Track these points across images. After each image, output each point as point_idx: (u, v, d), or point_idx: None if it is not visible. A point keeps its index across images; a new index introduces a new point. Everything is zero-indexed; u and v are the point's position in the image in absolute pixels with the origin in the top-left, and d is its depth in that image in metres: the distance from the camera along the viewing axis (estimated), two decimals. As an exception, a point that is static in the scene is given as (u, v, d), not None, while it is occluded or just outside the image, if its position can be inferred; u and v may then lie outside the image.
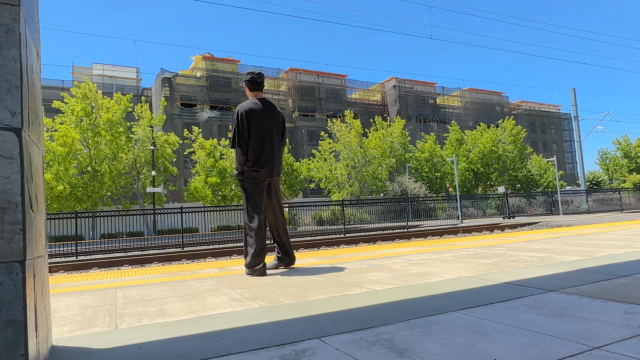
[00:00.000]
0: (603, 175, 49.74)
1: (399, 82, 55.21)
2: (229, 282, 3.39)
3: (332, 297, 2.55)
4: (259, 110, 3.85)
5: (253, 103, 3.89)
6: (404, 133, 36.68)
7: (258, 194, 3.83)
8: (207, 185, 28.47)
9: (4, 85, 1.37)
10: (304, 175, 33.19)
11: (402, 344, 1.60)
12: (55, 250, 13.60)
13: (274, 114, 3.92)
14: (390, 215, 21.94)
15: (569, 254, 3.92)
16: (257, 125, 3.81)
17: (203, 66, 46.28)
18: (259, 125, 3.81)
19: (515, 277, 2.89)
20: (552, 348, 1.47)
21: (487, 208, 27.03)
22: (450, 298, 2.35)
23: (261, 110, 3.86)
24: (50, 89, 36.82)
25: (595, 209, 28.03)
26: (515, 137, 40.19)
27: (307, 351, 1.57)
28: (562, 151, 66.32)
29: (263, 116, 3.84)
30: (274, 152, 3.88)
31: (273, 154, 3.87)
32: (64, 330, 2.06)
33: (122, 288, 3.37)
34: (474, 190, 39.08)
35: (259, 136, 3.82)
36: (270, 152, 3.85)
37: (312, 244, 13.40)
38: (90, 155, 25.64)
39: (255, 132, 3.81)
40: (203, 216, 17.63)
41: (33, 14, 1.68)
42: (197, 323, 2.07)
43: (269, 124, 3.86)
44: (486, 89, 61.73)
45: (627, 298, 2.12)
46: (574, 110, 34.20)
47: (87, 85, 26.36)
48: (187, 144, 31.82)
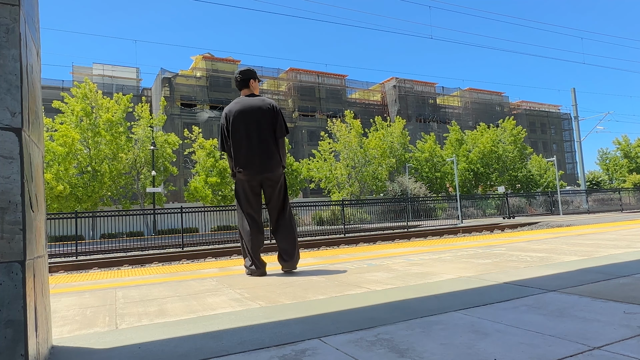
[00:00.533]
0: (603, 175, 49.75)
1: (399, 82, 55.21)
2: (229, 282, 3.39)
3: (332, 297, 2.55)
4: (239, 109, 3.71)
5: (235, 103, 3.78)
6: (404, 133, 36.69)
7: (246, 194, 3.71)
8: (207, 185, 28.48)
9: (4, 85, 1.37)
10: (304, 175, 33.21)
11: (402, 344, 1.60)
12: (55, 250, 13.60)
13: (256, 109, 3.71)
14: (390, 215, 21.94)
15: (569, 254, 3.92)
16: (236, 124, 3.68)
17: (203, 66, 46.29)
18: (237, 124, 3.67)
19: (515, 277, 2.89)
20: (552, 348, 1.47)
21: (487, 208, 27.03)
22: (450, 298, 2.35)
23: (241, 109, 3.71)
24: (50, 89, 36.83)
25: (595, 209, 28.02)
26: (516, 137, 40.21)
27: (307, 351, 1.57)
28: (562, 151, 66.33)
29: (244, 114, 3.68)
30: (254, 148, 3.65)
31: (253, 150, 3.64)
32: (64, 330, 2.06)
33: (122, 288, 3.37)
34: (474, 190, 39.09)
35: (238, 136, 3.68)
36: (250, 149, 3.65)
37: (312, 244, 13.40)
38: (90, 155, 25.65)
39: (234, 132, 3.69)
40: (203, 216, 17.63)
41: (33, 14, 1.68)
42: (197, 323, 2.07)
43: (250, 120, 3.67)
44: (486, 89, 61.77)
45: (627, 298, 2.12)
46: (574, 110, 34.20)
47: (88, 85, 26.38)
48: (187, 144, 31.84)
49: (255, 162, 3.65)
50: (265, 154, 3.67)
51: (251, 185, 3.70)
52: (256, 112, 3.70)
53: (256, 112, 3.70)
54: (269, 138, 3.70)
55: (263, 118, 3.70)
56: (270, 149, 3.69)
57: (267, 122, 3.71)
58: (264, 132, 3.69)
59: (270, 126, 3.72)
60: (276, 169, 3.72)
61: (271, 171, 3.69)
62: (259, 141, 3.67)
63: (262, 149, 3.67)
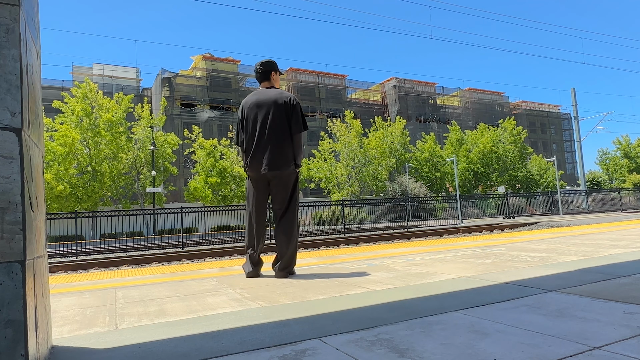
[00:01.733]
0: (603, 175, 49.74)
1: (399, 82, 55.20)
2: (229, 282, 3.38)
3: (332, 297, 2.55)
4: (254, 101, 3.54)
5: (252, 94, 3.62)
6: (404, 133, 36.68)
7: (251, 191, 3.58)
8: (207, 185, 28.47)
9: (4, 85, 1.37)
10: (304, 175, 33.18)
11: (402, 344, 1.60)
12: (55, 250, 13.60)
13: (271, 102, 3.49)
14: (390, 215, 21.94)
15: (569, 254, 3.92)
16: (249, 117, 3.52)
17: (203, 66, 46.28)
18: (250, 117, 3.51)
19: (515, 277, 2.88)
20: (552, 348, 1.47)
21: (487, 208, 27.03)
22: (450, 298, 2.35)
23: (256, 102, 3.53)
24: (50, 89, 36.81)
25: (595, 209, 28.02)
26: (516, 138, 40.22)
27: (307, 351, 1.57)
28: (562, 151, 66.32)
29: (258, 107, 3.51)
30: (264, 144, 3.44)
31: (262, 146, 3.45)
32: (64, 330, 2.06)
33: (122, 288, 3.37)
34: (474, 190, 39.08)
35: (249, 129, 3.52)
36: (259, 145, 3.46)
37: (312, 244, 13.40)
38: (90, 155, 25.64)
39: (246, 124, 3.53)
40: (203, 216, 17.64)
41: (33, 14, 1.68)
42: (197, 323, 2.07)
43: (263, 114, 3.48)
44: (486, 89, 61.73)
45: (627, 298, 2.12)
46: (574, 110, 34.19)
47: (88, 86, 26.38)
48: (187, 144, 31.82)
49: (262, 159, 3.43)
50: (274, 151, 3.43)
51: (259, 183, 3.54)
52: (271, 105, 3.48)
53: (271, 105, 3.48)
54: (281, 134, 3.46)
55: (277, 112, 3.47)
56: (281, 146, 3.45)
57: (282, 116, 3.47)
58: (276, 127, 3.45)
59: (284, 121, 3.48)
60: (285, 168, 3.45)
61: (279, 169, 3.44)
62: (270, 137, 3.44)
63: (272, 145, 3.43)
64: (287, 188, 3.53)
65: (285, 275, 3.46)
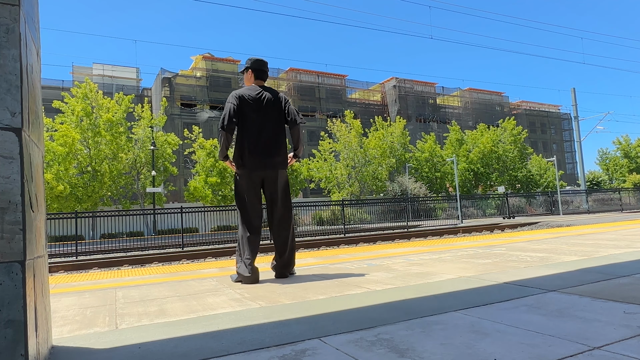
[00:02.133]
0: (603, 175, 49.74)
1: (399, 82, 55.20)
2: (229, 282, 3.38)
3: (332, 297, 2.55)
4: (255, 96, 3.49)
5: (248, 89, 3.55)
6: (404, 133, 36.66)
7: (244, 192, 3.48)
8: (207, 185, 28.47)
9: (4, 85, 1.37)
10: (304, 175, 33.19)
11: (402, 344, 1.60)
12: (55, 250, 13.59)
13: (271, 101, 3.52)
14: (390, 215, 21.93)
15: (569, 254, 3.92)
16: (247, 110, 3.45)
17: (203, 66, 46.29)
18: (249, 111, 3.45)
19: (515, 277, 2.89)
20: (552, 348, 1.47)
21: (487, 208, 27.02)
22: (450, 298, 2.35)
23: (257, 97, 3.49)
24: (50, 89, 36.81)
25: (595, 209, 28.01)
26: (516, 138, 40.21)
27: (307, 351, 1.57)
28: (562, 151, 66.32)
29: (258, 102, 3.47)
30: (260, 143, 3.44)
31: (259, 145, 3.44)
32: (64, 330, 2.06)
33: (122, 288, 3.37)
34: (474, 190, 39.08)
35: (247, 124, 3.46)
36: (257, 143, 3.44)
37: (312, 244, 13.40)
38: (90, 155, 25.63)
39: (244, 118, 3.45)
40: (203, 216, 17.61)
41: (33, 14, 1.68)
42: (197, 323, 2.07)
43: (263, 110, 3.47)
44: (486, 89, 61.72)
45: (627, 298, 2.12)
46: (574, 110, 34.18)
47: (88, 85, 26.37)
48: (187, 144, 31.81)
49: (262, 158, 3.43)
50: (274, 151, 3.46)
51: (253, 182, 3.46)
52: (270, 105, 3.50)
53: (270, 105, 3.50)
54: (279, 134, 3.50)
55: (276, 112, 3.51)
56: (279, 146, 3.49)
57: (280, 117, 3.52)
58: (275, 127, 3.49)
59: (282, 122, 3.52)
60: (282, 167, 3.51)
61: (278, 169, 3.48)
62: (269, 137, 3.45)
63: (271, 145, 3.45)
64: (286, 187, 3.58)
65: (285, 275, 3.46)
